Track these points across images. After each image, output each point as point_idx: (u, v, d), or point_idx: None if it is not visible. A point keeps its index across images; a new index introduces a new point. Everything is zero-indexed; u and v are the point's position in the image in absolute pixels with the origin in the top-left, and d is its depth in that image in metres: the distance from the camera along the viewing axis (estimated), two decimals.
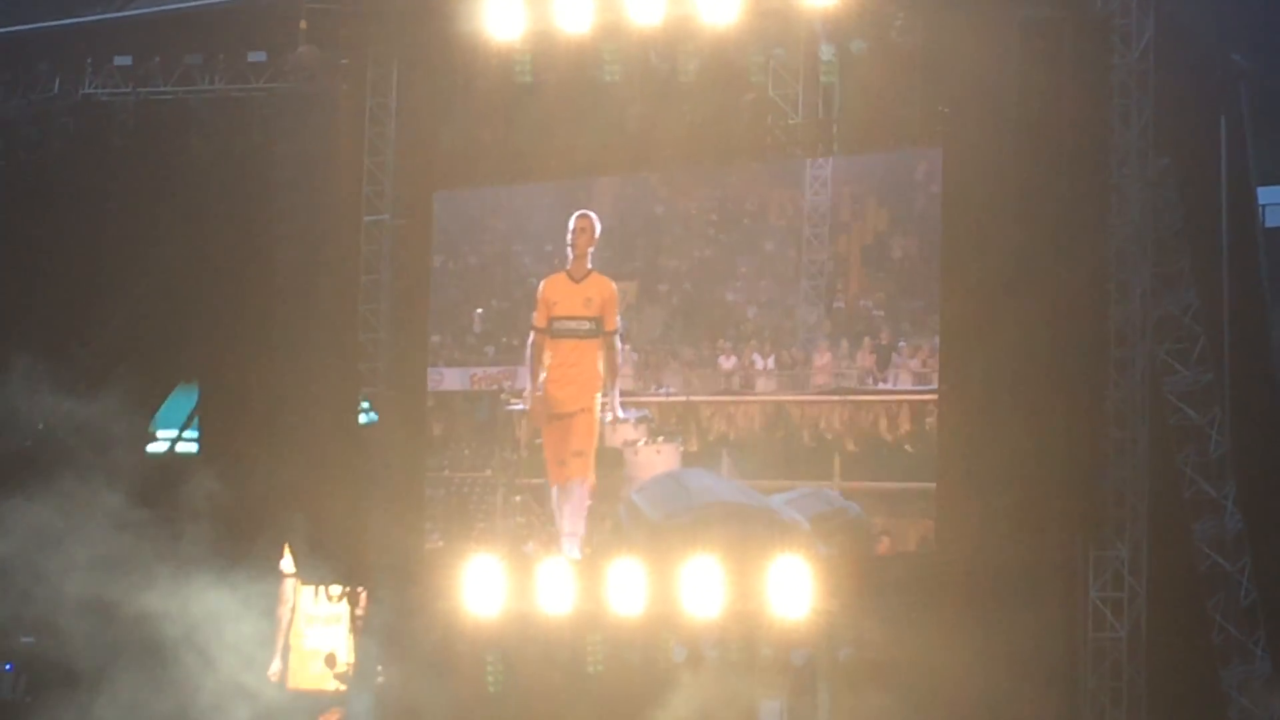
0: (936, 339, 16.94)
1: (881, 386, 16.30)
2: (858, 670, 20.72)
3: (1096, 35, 20.41)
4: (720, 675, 21.22)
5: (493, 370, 20.94)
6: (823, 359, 17.04)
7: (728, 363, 17.51)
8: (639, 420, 19.91)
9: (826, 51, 21.19)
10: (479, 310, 21.60)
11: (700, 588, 20.86)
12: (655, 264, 19.26)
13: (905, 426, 16.59)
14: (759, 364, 17.23)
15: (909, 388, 15.87)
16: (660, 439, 19.39)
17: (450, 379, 21.40)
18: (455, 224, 22.29)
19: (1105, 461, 20.15)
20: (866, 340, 17.17)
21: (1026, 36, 20.45)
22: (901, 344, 15.84)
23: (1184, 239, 20.47)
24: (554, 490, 21.51)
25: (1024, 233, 20.27)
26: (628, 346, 21.05)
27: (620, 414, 20.41)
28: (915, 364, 15.63)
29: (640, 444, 19.49)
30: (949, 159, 20.67)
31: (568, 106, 22.31)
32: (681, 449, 19.21)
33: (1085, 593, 20.27)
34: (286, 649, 23.60)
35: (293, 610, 23.63)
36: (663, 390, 18.60)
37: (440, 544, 20.29)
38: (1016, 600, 19.83)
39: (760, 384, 16.89)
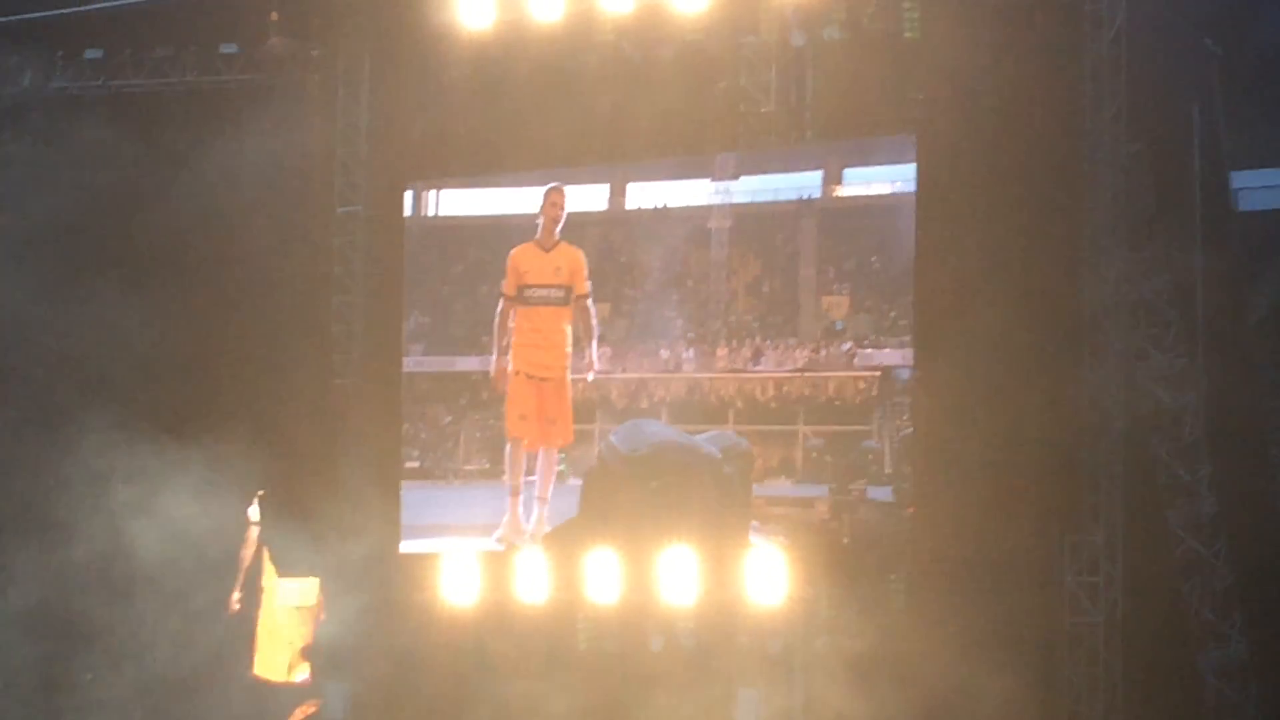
0: (792, 340, 22.16)
1: (755, 369, 22.03)
2: (835, 658, 20.74)
3: (1069, 21, 20.40)
4: (698, 664, 21.24)
5: None
6: (722, 352, 22.22)
7: (665, 354, 22.47)
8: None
9: (799, 39, 21.24)
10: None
11: (676, 576, 20.99)
12: (621, 293, 22.92)
13: (771, 392, 21.82)
14: (685, 355, 22.40)
15: (772, 369, 21.86)
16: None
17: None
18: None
19: (1080, 447, 20.16)
20: (748, 341, 22.16)
21: (999, 22, 20.47)
22: (768, 343, 21.92)
23: (1158, 224, 20.38)
24: (509, 446, 22.22)
25: (997, 219, 20.32)
26: (606, 346, 22.40)
27: (596, 367, 22.39)
28: (777, 355, 21.92)
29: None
30: (922, 145, 20.83)
31: (540, 97, 22.31)
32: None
33: (1062, 578, 20.29)
34: (255, 589, 23.53)
35: (255, 555, 23.56)
36: (624, 372, 22.94)
37: (486, 465, 23.25)
38: (993, 586, 19.86)
39: (685, 367, 22.38)
